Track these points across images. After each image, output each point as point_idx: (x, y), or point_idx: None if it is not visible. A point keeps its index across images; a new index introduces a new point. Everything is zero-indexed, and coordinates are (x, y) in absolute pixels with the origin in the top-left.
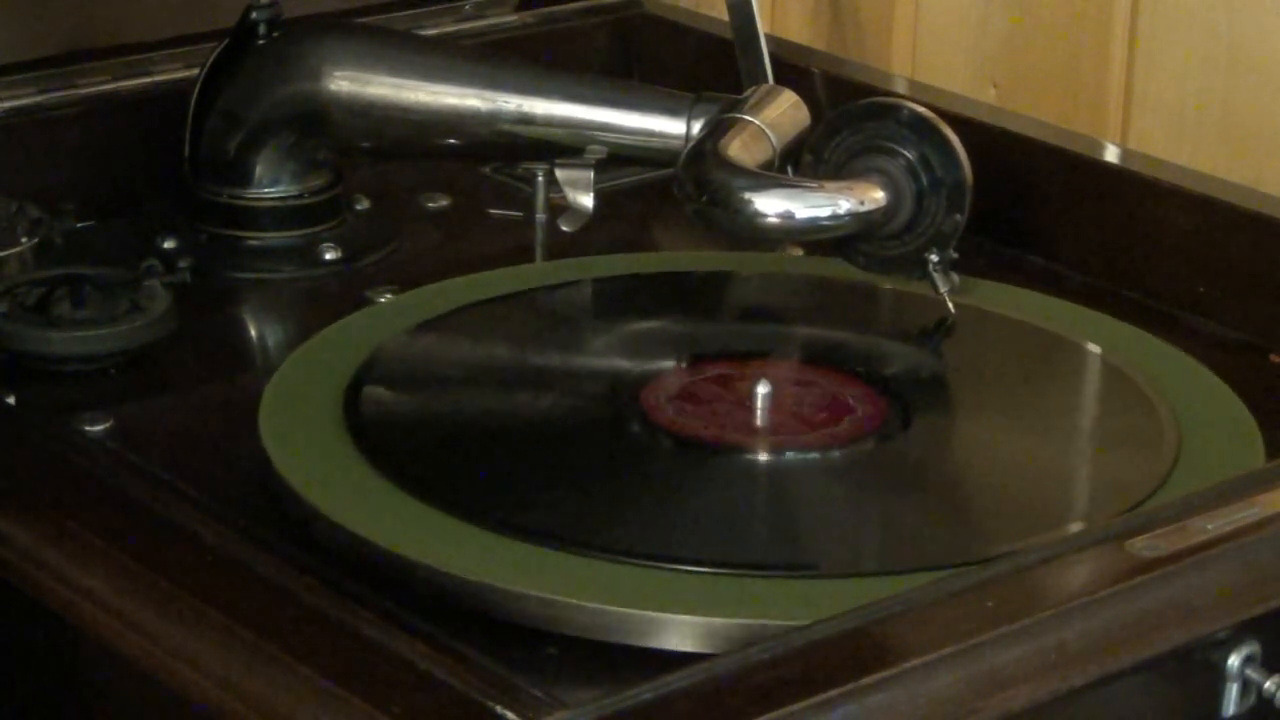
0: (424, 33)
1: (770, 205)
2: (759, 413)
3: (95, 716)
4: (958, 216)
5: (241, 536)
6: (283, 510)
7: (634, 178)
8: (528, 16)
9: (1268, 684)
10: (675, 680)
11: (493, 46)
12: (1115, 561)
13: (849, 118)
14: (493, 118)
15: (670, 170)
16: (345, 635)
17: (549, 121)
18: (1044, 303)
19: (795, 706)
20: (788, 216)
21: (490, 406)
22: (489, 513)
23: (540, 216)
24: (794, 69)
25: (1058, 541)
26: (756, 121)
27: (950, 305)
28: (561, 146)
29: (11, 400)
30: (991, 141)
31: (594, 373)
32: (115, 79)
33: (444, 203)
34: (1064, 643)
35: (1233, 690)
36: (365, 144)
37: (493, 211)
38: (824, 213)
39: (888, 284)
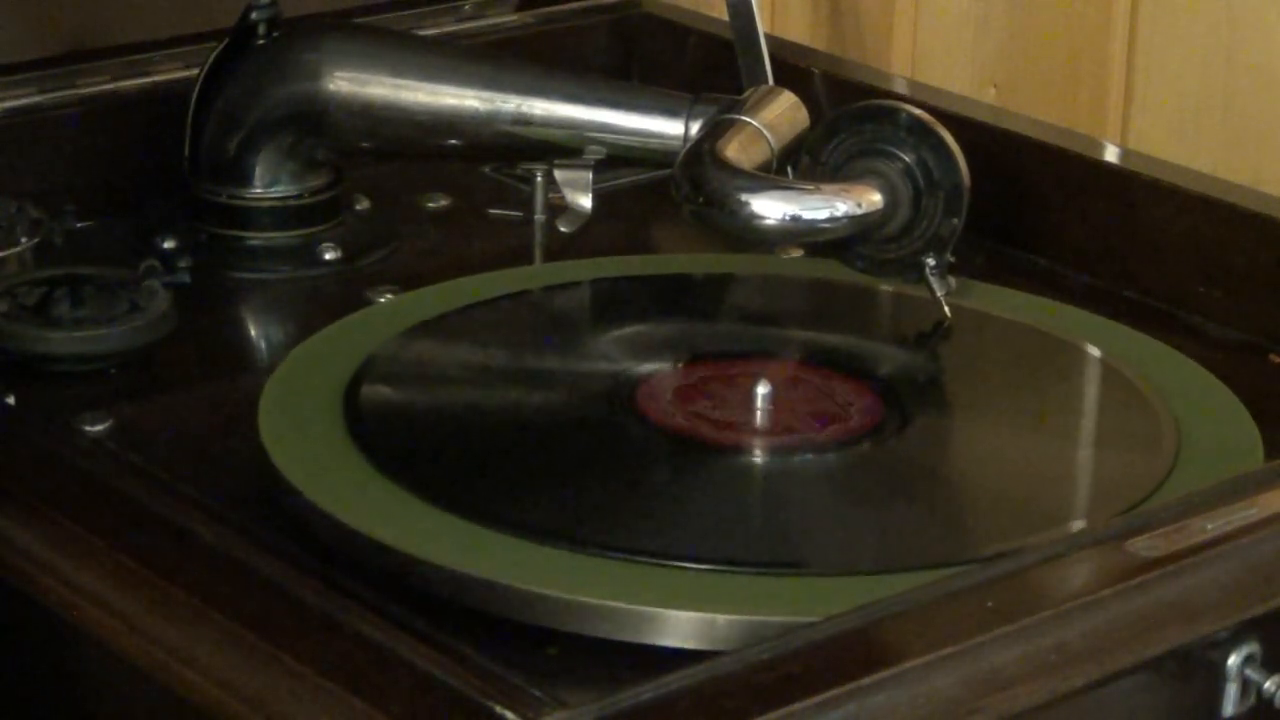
0: (424, 33)
1: (767, 207)
2: (758, 412)
3: (95, 716)
4: (955, 220)
5: (241, 536)
6: (283, 509)
7: (632, 178)
8: (528, 16)
9: (1268, 684)
10: (675, 680)
11: (492, 46)
12: (1115, 561)
13: (847, 120)
14: (492, 118)
15: (668, 171)
16: (345, 635)
17: (548, 122)
18: (1042, 305)
19: (795, 706)
20: (785, 218)
21: (490, 405)
22: (488, 511)
23: (539, 217)
24: (794, 69)
25: (1058, 541)
26: (754, 123)
27: (946, 309)
28: (560, 147)
29: (11, 400)
30: (991, 142)
31: (593, 372)
32: (115, 79)
33: (444, 203)
34: (1064, 643)
35: (1232, 690)
36: (365, 144)
37: (492, 211)
38: (821, 215)
39: (886, 286)
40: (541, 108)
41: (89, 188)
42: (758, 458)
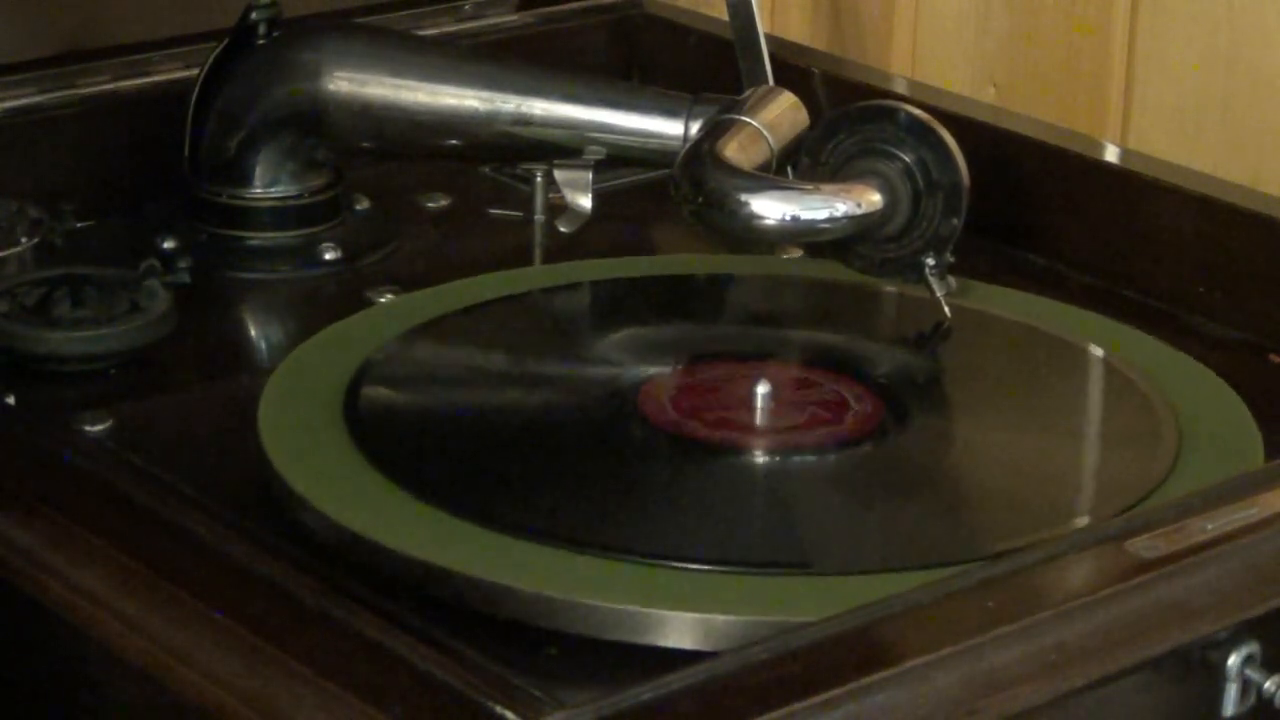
0: (424, 33)
1: (767, 207)
2: (758, 413)
3: (95, 716)
4: (954, 220)
5: (241, 536)
6: (283, 510)
7: (632, 178)
8: (528, 16)
9: (1268, 684)
10: (675, 680)
11: (492, 46)
12: (1115, 561)
13: (846, 120)
14: (491, 118)
15: (668, 171)
16: (345, 635)
17: (547, 122)
18: (1043, 304)
19: (795, 706)
20: (784, 218)
21: (490, 406)
22: (488, 512)
23: (539, 217)
24: (794, 69)
25: (1058, 541)
26: (754, 123)
27: (946, 309)
28: (560, 147)
29: (11, 400)
30: (991, 142)
31: (593, 373)
32: (115, 79)
33: (444, 203)
34: (1064, 643)
35: (1232, 690)
36: (365, 144)
37: (492, 211)
38: (820, 215)
39: (887, 286)
40: (541, 108)
41: (89, 188)
42: (758, 458)
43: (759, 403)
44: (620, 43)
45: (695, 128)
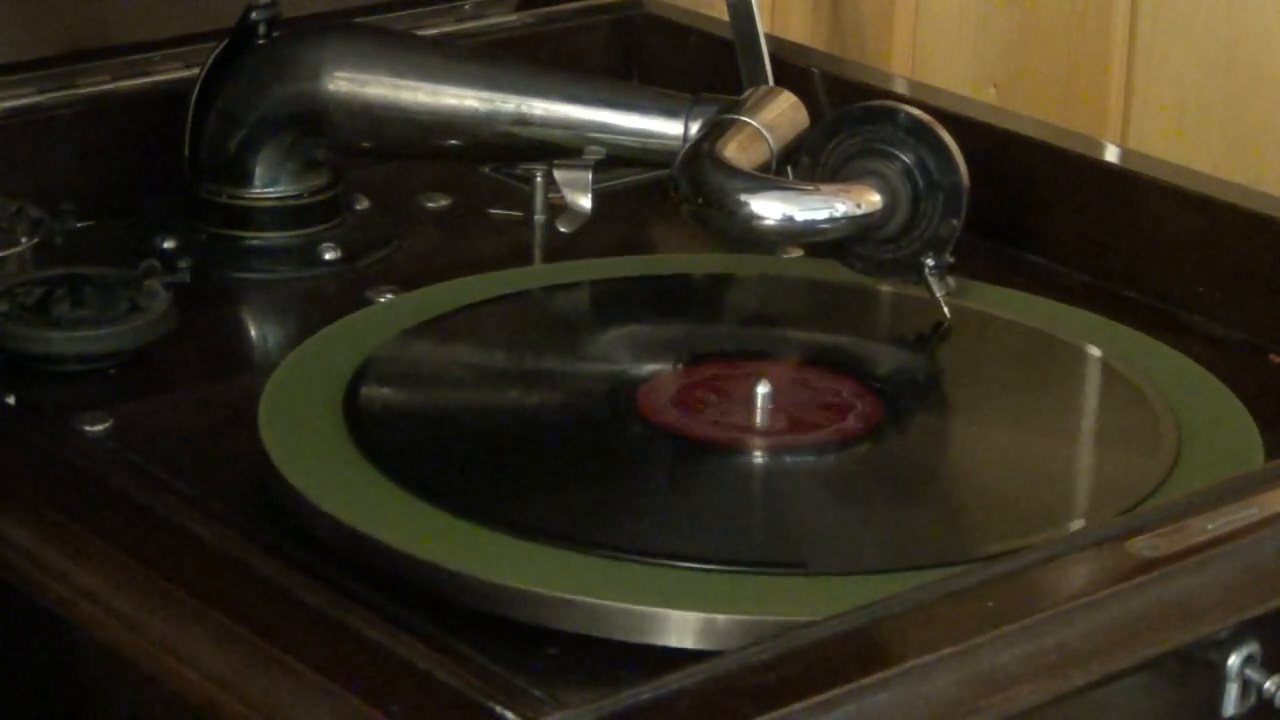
0: (424, 33)
1: (766, 207)
2: (758, 412)
3: (95, 716)
4: (954, 221)
5: (241, 536)
6: (283, 510)
7: (632, 178)
8: (528, 16)
9: (1268, 684)
10: (675, 680)
11: (492, 46)
12: (1115, 561)
13: (846, 120)
14: (491, 118)
15: (668, 171)
16: (345, 635)
17: (547, 122)
18: (1043, 305)
19: (795, 706)
20: (783, 219)
21: (490, 406)
22: (489, 511)
23: (539, 217)
24: (794, 69)
25: (1058, 541)
26: (754, 123)
27: (946, 310)
28: (560, 147)
29: (11, 400)
30: (991, 142)
31: (593, 373)
32: (115, 79)
33: (444, 203)
34: (1064, 643)
35: (1233, 690)
36: (365, 144)
37: (493, 211)
38: (820, 215)
39: (887, 286)
40: (541, 108)
41: (89, 188)
42: (758, 458)
43: (759, 402)
44: (620, 43)
45: (695, 128)
